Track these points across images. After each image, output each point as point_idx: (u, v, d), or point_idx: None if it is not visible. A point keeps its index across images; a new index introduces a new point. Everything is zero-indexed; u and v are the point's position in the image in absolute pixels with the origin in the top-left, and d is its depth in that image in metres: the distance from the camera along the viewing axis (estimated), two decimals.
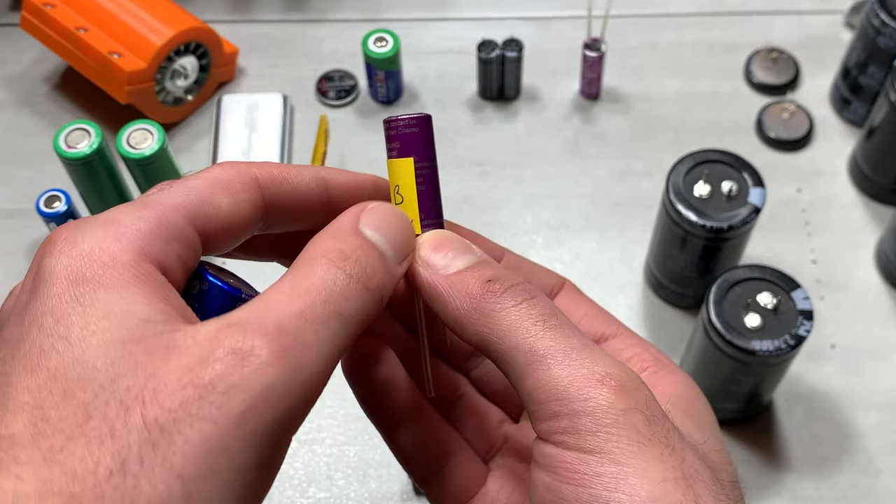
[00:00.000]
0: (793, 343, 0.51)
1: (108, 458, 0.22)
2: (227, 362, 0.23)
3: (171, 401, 0.22)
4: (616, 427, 0.26)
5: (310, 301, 0.25)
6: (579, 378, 0.26)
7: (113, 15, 0.67)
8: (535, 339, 0.27)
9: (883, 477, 0.57)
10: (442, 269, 0.29)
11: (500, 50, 0.69)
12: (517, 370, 0.27)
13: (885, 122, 0.62)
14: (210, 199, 0.27)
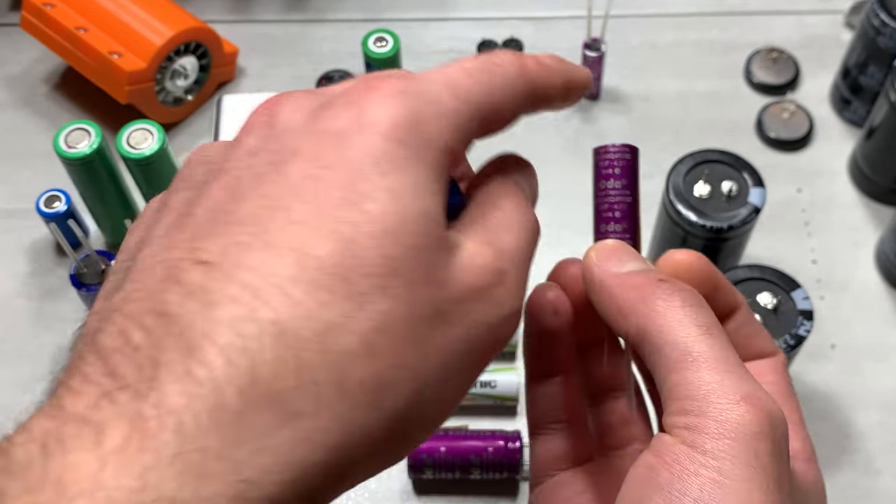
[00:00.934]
0: (793, 343, 0.51)
1: (427, 304, 0.23)
2: (492, 280, 0.25)
3: (453, 293, 0.24)
4: (738, 443, 0.25)
5: (524, 240, 0.28)
6: (724, 388, 0.26)
7: (113, 15, 0.67)
8: (694, 341, 0.27)
9: (883, 477, 0.57)
10: (614, 268, 0.30)
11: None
12: (667, 365, 0.27)
13: (885, 122, 0.62)
14: (501, 106, 0.29)
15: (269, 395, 0.21)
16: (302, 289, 0.22)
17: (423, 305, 0.23)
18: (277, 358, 0.21)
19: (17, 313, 0.64)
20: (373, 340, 0.22)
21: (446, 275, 0.24)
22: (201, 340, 0.21)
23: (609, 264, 0.30)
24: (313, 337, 0.21)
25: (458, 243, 0.26)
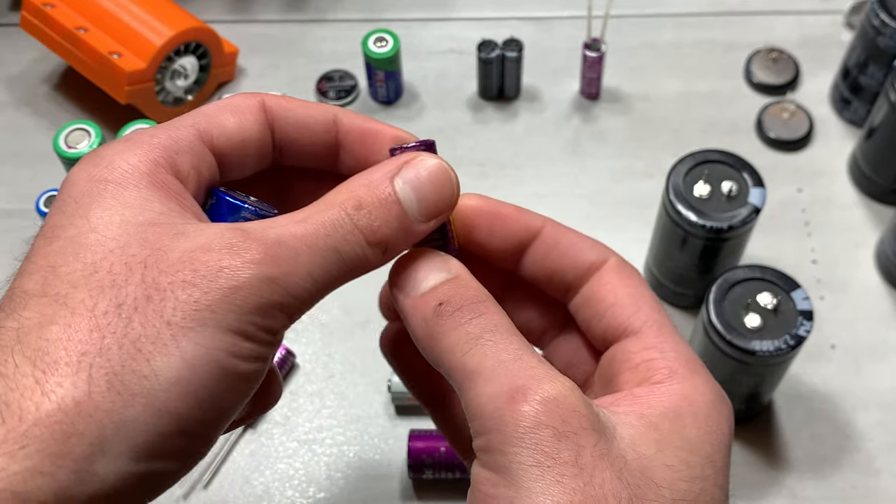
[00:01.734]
0: (793, 343, 0.51)
1: (106, 301, 0.25)
2: (224, 252, 0.26)
3: (170, 269, 0.26)
4: (521, 445, 0.26)
5: (313, 230, 0.27)
6: (497, 395, 0.27)
7: (113, 15, 0.67)
8: (468, 357, 0.28)
9: (882, 477, 0.57)
10: (410, 291, 0.30)
11: (500, 50, 0.69)
12: (459, 391, 0.28)
13: (885, 122, 0.62)
14: (216, 117, 0.30)
15: None
16: None
17: None
18: None
19: None
20: None
21: (161, 256, 0.26)
22: None
23: (408, 286, 0.30)
24: None
25: (191, 232, 0.27)
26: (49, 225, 0.27)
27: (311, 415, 0.60)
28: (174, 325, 0.25)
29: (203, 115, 0.30)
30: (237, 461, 0.59)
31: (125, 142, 0.28)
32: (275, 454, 0.59)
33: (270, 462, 0.58)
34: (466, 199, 0.33)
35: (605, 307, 0.32)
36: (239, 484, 0.58)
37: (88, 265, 0.26)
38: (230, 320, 0.25)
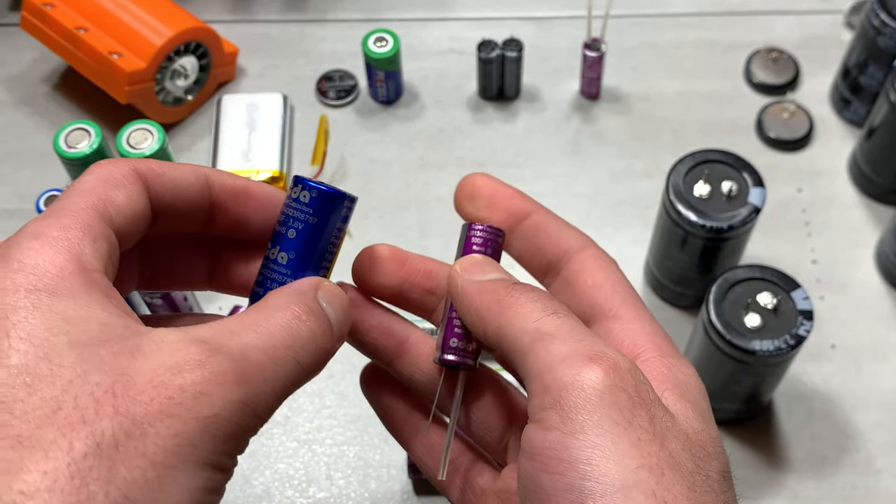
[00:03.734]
0: (793, 343, 0.51)
1: (82, 441, 0.22)
2: (198, 374, 0.24)
3: (143, 397, 0.23)
4: (600, 406, 0.26)
5: (273, 341, 0.27)
6: (575, 354, 0.27)
7: (113, 15, 0.67)
8: (542, 322, 0.29)
9: (883, 477, 0.57)
10: (476, 277, 0.32)
11: (500, 50, 0.69)
12: (522, 351, 0.28)
13: (885, 122, 0.62)
14: (106, 195, 0.28)
15: None
16: None
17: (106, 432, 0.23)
18: None
19: None
20: None
21: (128, 381, 0.24)
22: None
23: (470, 274, 0.32)
24: None
25: (147, 346, 0.25)
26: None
27: (311, 415, 0.60)
28: (158, 464, 0.23)
29: (93, 194, 0.28)
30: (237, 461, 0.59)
31: (37, 238, 0.26)
32: (275, 454, 0.59)
33: (270, 462, 0.58)
34: (475, 177, 0.35)
35: (584, 289, 0.33)
36: (239, 484, 0.58)
37: (49, 400, 0.23)
38: (207, 453, 0.24)
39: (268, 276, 0.31)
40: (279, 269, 0.31)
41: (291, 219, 0.31)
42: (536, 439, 0.27)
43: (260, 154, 0.69)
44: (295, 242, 0.31)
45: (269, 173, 0.68)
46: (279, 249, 0.31)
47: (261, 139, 0.69)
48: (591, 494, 0.25)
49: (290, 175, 0.69)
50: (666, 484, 0.25)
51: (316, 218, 0.31)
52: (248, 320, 0.27)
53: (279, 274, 0.31)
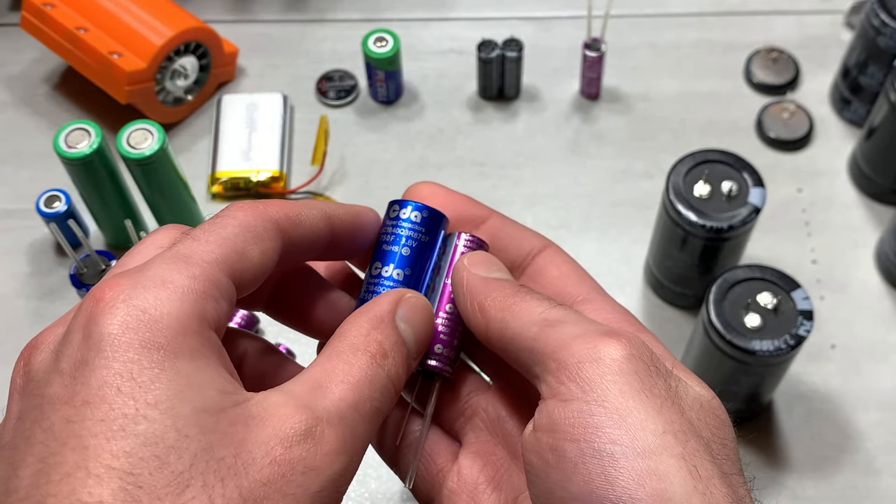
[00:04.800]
0: (793, 343, 0.51)
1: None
2: (305, 449, 0.25)
3: (261, 475, 0.24)
4: (620, 374, 0.26)
5: (360, 395, 0.27)
6: (587, 333, 0.28)
7: (113, 15, 0.67)
8: (548, 313, 0.29)
9: (883, 477, 0.57)
10: (482, 273, 0.32)
11: (500, 50, 0.69)
12: (530, 338, 0.29)
13: (885, 122, 0.62)
14: (243, 250, 0.28)
15: None
16: None
17: (229, 500, 0.23)
18: None
19: (17, 313, 0.64)
20: None
21: (248, 457, 0.24)
22: None
23: (477, 269, 0.32)
24: None
25: (257, 413, 0.25)
26: (102, 405, 0.23)
27: None
28: None
29: (229, 245, 0.27)
30: None
31: (163, 285, 0.25)
32: None
33: None
34: (420, 187, 0.35)
35: (551, 280, 0.34)
36: None
37: (177, 475, 0.22)
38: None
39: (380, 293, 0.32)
40: (396, 286, 0.32)
41: (403, 237, 0.33)
42: (556, 412, 0.27)
43: (260, 154, 0.69)
44: (410, 259, 0.33)
45: (269, 173, 0.68)
46: (393, 267, 0.32)
47: (261, 139, 0.69)
48: (621, 457, 0.25)
49: (290, 175, 0.69)
50: (691, 450, 0.26)
51: (428, 237, 0.33)
52: (331, 368, 0.27)
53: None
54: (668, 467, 0.25)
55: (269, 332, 0.63)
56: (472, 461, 0.33)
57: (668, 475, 0.25)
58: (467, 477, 0.33)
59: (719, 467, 0.26)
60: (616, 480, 0.25)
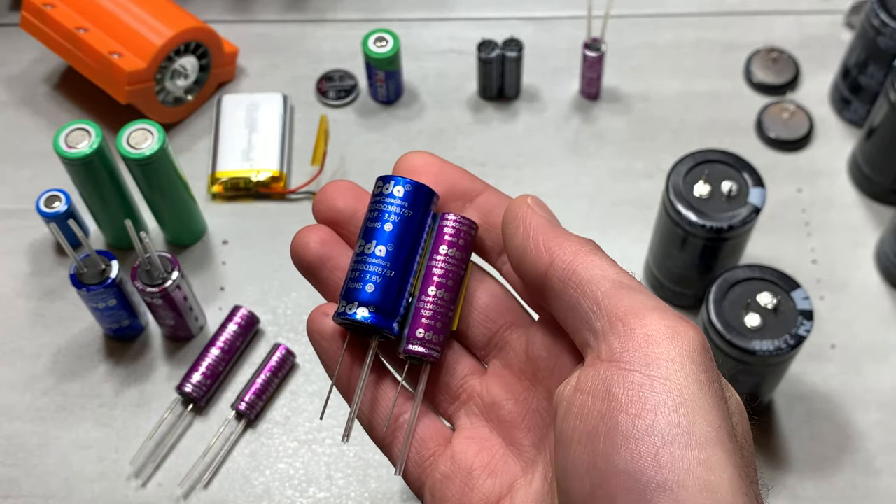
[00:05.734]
0: (793, 343, 0.51)
1: None
2: None
3: None
4: (691, 362, 0.26)
5: None
6: (665, 310, 0.27)
7: (113, 15, 0.67)
8: (623, 277, 0.29)
9: (883, 477, 0.57)
10: (546, 217, 0.32)
11: (500, 50, 0.69)
12: (602, 293, 0.28)
13: (885, 122, 0.62)
14: None
15: None
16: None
17: None
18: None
19: (18, 313, 0.64)
20: None
21: None
22: None
23: (543, 212, 0.32)
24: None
25: None
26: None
27: (311, 415, 0.60)
28: None
29: None
30: (237, 461, 0.59)
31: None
32: (275, 454, 0.59)
33: (271, 462, 0.59)
34: (413, 156, 0.34)
35: None
36: (239, 483, 0.58)
37: None
38: None
39: (366, 271, 0.32)
40: (381, 264, 0.32)
41: (387, 213, 0.32)
42: (615, 380, 0.26)
43: (260, 154, 0.69)
44: (394, 235, 0.32)
45: (269, 173, 0.68)
46: (376, 243, 0.32)
47: (261, 139, 0.69)
48: (677, 441, 0.25)
49: (290, 175, 0.69)
50: (735, 448, 0.26)
51: (412, 211, 0.32)
52: None
53: (383, 269, 0.32)
54: (719, 461, 0.25)
55: (269, 332, 0.63)
56: (466, 446, 0.32)
57: (719, 468, 0.25)
58: (461, 462, 0.32)
59: (749, 474, 0.26)
60: (667, 464, 0.24)
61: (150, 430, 0.58)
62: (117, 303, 0.58)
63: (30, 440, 0.59)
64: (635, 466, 0.25)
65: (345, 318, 0.32)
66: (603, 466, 0.25)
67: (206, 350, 0.60)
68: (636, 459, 0.25)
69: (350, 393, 0.33)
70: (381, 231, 0.32)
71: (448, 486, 0.32)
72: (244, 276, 0.65)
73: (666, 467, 0.24)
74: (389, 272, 0.32)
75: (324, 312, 0.33)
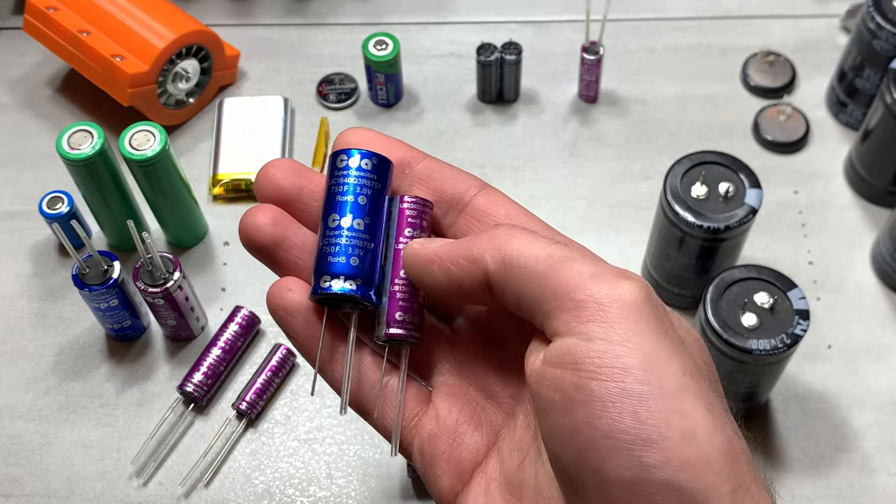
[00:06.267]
0: (789, 343, 0.51)
1: None
2: None
3: None
4: (642, 317, 0.27)
5: None
6: (602, 272, 0.28)
7: (115, 18, 0.67)
8: (553, 250, 0.29)
9: (878, 476, 0.58)
10: (437, 243, 0.32)
11: (498, 53, 0.69)
12: (538, 277, 0.28)
13: (880, 125, 0.63)
14: None
15: None
16: None
17: None
18: None
19: (20, 314, 0.64)
20: None
21: None
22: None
23: (431, 244, 0.31)
24: None
25: None
26: None
27: (311, 414, 0.60)
28: None
29: None
30: (238, 460, 0.59)
31: None
32: (275, 453, 0.59)
33: (271, 461, 0.59)
34: (351, 132, 0.34)
35: (500, 218, 0.33)
36: (240, 483, 0.58)
37: None
38: None
39: (345, 244, 0.32)
40: (359, 236, 0.32)
41: (357, 186, 0.32)
42: (579, 351, 0.27)
43: (261, 156, 0.69)
44: (367, 208, 0.32)
45: None
46: (352, 217, 0.32)
47: (262, 142, 0.70)
48: (651, 398, 0.26)
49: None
50: (704, 389, 0.27)
51: (379, 184, 0.33)
52: None
53: (361, 241, 0.32)
54: (692, 407, 0.26)
55: (269, 332, 0.64)
56: (448, 403, 0.33)
57: (693, 414, 0.26)
58: (446, 419, 0.33)
59: (722, 402, 0.28)
60: (647, 420, 0.26)
61: (151, 430, 0.59)
62: (119, 303, 0.59)
63: (32, 440, 0.60)
64: (619, 427, 0.26)
65: (327, 292, 0.32)
66: (588, 432, 0.26)
67: (207, 350, 0.61)
68: (618, 421, 0.26)
69: (329, 367, 0.34)
70: (356, 204, 0.32)
71: (436, 445, 0.33)
72: (245, 277, 0.66)
73: (647, 423, 0.26)
74: (369, 244, 0.32)
75: (287, 288, 0.33)
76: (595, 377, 0.26)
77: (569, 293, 0.28)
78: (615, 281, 0.28)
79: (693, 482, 0.25)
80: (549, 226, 0.33)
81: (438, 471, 0.33)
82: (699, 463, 0.26)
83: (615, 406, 0.26)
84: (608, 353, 0.27)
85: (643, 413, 0.26)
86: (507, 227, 0.31)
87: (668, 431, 0.26)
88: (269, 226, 0.33)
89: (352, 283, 0.32)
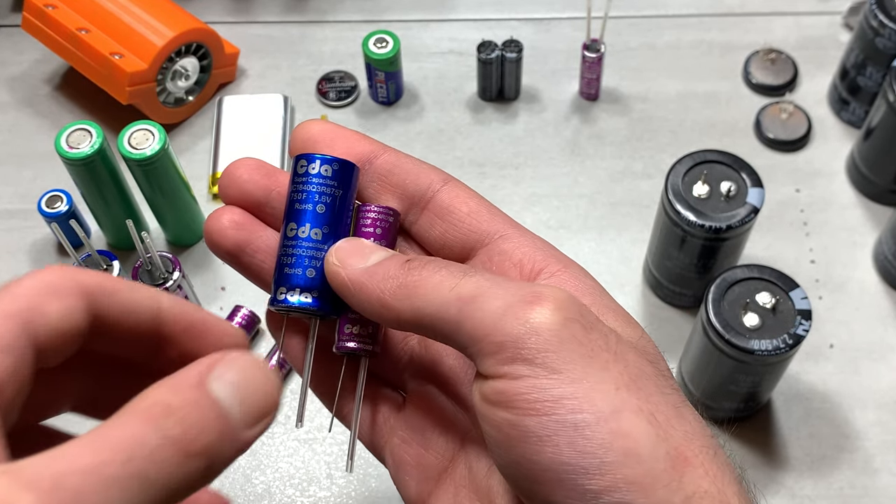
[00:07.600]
0: (791, 342, 0.51)
1: None
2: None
3: None
4: (562, 344, 0.26)
5: (105, 457, 0.21)
6: (513, 304, 0.27)
7: (114, 16, 0.67)
8: (460, 288, 0.28)
9: (880, 476, 0.58)
10: (360, 264, 0.30)
11: (499, 51, 0.69)
12: (453, 322, 0.28)
13: (883, 123, 0.63)
14: (38, 305, 0.24)
15: None
16: None
17: None
18: None
19: None
20: None
21: None
22: None
23: (353, 262, 0.30)
24: None
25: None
26: None
27: (311, 414, 0.60)
28: None
29: (24, 299, 0.24)
30: (238, 460, 0.58)
31: None
32: (276, 453, 0.59)
33: (271, 461, 0.59)
34: (309, 124, 0.33)
35: (462, 217, 0.33)
36: (240, 483, 0.58)
37: None
38: None
39: (302, 255, 0.31)
40: (316, 246, 0.31)
41: (316, 194, 0.31)
42: (508, 389, 0.26)
43: (260, 155, 0.68)
44: (327, 216, 0.31)
45: None
46: (311, 227, 0.31)
47: (261, 140, 0.70)
48: (586, 425, 0.25)
49: None
50: (644, 396, 0.26)
51: (341, 190, 0.32)
52: (89, 434, 0.22)
53: (319, 251, 0.31)
54: (630, 424, 0.26)
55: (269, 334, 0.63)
56: (416, 408, 0.33)
57: (632, 432, 0.26)
58: (415, 424, 0.33)
59: (671, 403, 0.27)
60: (586, 448, 0.25)
61: None
62: None
63: None
64: (559, 460, 0.26)
65: (285, 305, 0.31)
66: (529, 467, 0.26)
67: None
68: (557, 454, 0.26)
69: (297, 356, 0.34)
70: (315, 213, 0.31)
71: (405, 450, 0.33)
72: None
73: (587, 451, 0.25)
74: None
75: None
76: (528, 413, 0.26)
77: (486, 337, 0.27)
78: (527, 312, 0.27)
79: (642, 500, 0.25)
80: (511, 219, 0.33)
81: (406, 476, 0.33)
82: (645, 480, 0.25)
83: (551, 440, 0.26)
84: (536, 387, 0.26)
85: (581, 442, 0.25)
86: (404, 265, 0.29)
87: (608, 456, 0.25)
88: (232, 229, 0.33)
89: (307, 295, 0.31)
